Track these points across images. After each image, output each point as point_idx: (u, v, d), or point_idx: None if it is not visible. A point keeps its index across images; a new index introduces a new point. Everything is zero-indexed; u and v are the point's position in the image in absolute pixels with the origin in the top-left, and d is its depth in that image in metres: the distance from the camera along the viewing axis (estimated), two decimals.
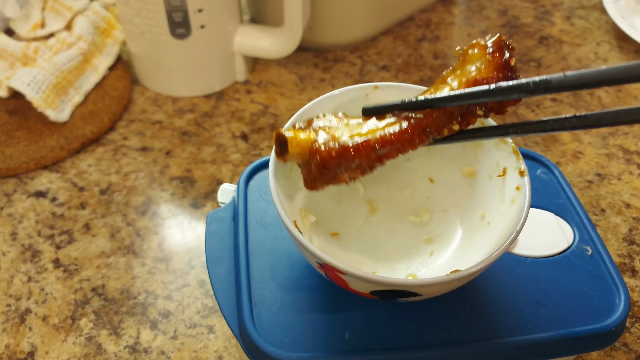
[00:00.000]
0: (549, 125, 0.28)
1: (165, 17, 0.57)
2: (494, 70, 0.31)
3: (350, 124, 0.32)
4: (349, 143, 0.30)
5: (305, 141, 0.31)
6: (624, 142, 0.57)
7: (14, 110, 0.60)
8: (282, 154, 0.32)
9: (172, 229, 0.50)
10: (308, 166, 0.31)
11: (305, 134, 0.31)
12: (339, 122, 0.32)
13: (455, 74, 0.32)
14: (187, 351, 0.42)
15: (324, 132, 0.31)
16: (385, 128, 0.31)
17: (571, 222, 0.39)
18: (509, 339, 0.33)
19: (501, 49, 0.32)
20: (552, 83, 0.25)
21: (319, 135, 0.31)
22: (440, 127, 0.32)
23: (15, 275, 0.47)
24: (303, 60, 0.67)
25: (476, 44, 0.32)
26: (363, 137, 0.31)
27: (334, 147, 0.30)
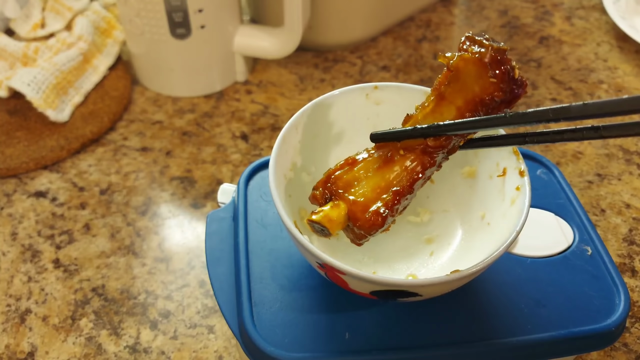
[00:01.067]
0: (567, 135, 0.27)
1: (165, 17, 0.57)
2: (499, 88, 0.30)
3: (365, 170, 0.31)
4: (387, 203, 0.30)
5: (341, 217, 0.30)
6: (624, 142, 0.57)
7: (14, 110, 0.60)
8: (326, 236, 0.31)
9: (172, 229, 0.50)
10: (352, 232, 0.31)
11: (335, 207, 0.30)
12: (353, 174, 0.31)
13: (454, 89, 0.31)
14: (187, 351, 0.42)
15: (353, 195, 0.30)
16: (408, 169, 0.31)
17: (571, 222, 0.39)
18: (509, 339, 0.33)
19: (498, 62, 0.30)
20: (572, 111, 0.25)
21: (352, 204, 0.30)
22: (456, 146, 0.32)
23: (15, 275, 0.47)
24: (303, 60, 0.67)
25: (469, 59, 0.30)
26: (394, 187, 0.30)
27: (376, 215, 0.30)
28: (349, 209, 0.30)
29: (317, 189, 0.32)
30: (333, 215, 0.30)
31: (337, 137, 0.39)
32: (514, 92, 0.30)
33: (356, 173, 0.31)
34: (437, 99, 0.32)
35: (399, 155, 0.31)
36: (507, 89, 0.30)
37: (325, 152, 0.39)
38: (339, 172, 0.31)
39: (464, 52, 0.31)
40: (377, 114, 0.38)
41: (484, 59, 0.30)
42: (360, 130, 0.39)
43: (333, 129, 0.38)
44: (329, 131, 0.38)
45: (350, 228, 0.31)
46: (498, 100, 0.30)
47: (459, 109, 0.31)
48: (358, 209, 0.30)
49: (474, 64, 0.30)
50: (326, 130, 0.38)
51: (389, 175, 0.31)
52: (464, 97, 0.31)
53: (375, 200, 0.30)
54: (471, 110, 0.31)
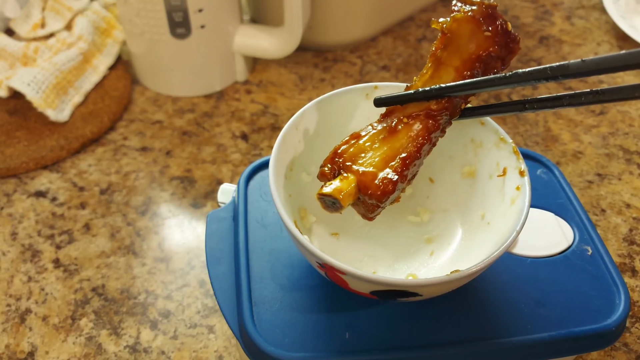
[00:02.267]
0: (565, 100, 0.27)
1: (165, 17, 0.57)
2: (493, 43, 0.30)
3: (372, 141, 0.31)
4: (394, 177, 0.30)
5: (351, 188, 0.30)
6: (624, 142, 0.57)
7: (14, 110, 0.60)
8: (337, 210, 0.31)
9: (172, 229, 0.50)
10: (364, 204, 0.31)
11: (344, 180, 0.30)
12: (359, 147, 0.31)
13: (450, 52, 0.32)
14: (187, 351, 0.42)
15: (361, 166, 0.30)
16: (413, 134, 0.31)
17: (571, 222, 0.39)
18: (509, 339, 0.33)
19: (490, 17, 0.31)
20: (570, 69, 0.25)
21: (362, 175, 0.30)
22: (458, 108, 0.32)
23: (15, 275, 0.47)
24: (303, 60, 0.67)
25: (462, 18, 0.31)
26: (402, 154, 0.30)
27: (386, 183, 0.30)
28: (359, 179, 0.30)
29: (324, 166, 0.32)
30: (343, 187, 0.30)
31: (337, 137, 0.39)
32: (509, 46, 0.31)
33: (362, 145, 0.31)
34: (434, 64, 0.32)
35: (403, 124, 0.31)
36: (502, 42, 0.30)
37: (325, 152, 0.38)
38: (345, 147, 0.31)
39: (456, 14, 0.31)
40: (377, 114, 0.38)
41: (476, 15, 0.31)
42: None
43: (333, 128, 0.38)
44: (329, 131, 0.38)
45: (360, 201, 0.30)
46: (494, 55, 0.31)
47: (457, 70, 0.31)
48: (367, 178, 0.30)
49: (467, 22, 0.31)
50: (326, 130, 0.38)
51: (395, 143, 0.31)
52: (460, 57, 0.31)
53: (384, 168, 0.30)
54: (469, 69, 0.31)
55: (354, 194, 0.30)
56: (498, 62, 0.31)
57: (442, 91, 0.31)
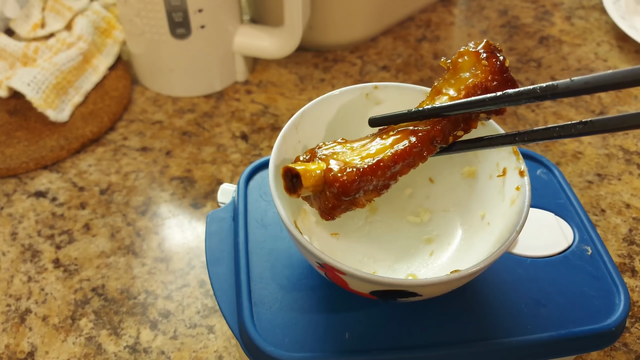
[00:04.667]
0: (555, 132, 0.27)
1: (165, 17, 0.57)
2: (489, 74, 0.31)
3: (354, 147, 0.32)
4: (364, 166, 0.30)
5: (318, 172, 0.30)
6: (624, 142, 0.57)
7: (14, 110, 0.60)
8: (294, 190, 0.30)
9: (172, 229, 0.50)
10: (323, 197, 0.30)
11: (315, 164, 0.30)
12: (343, 146, 0.32)
13: (450, 83, 0.32)
14: (187, 351, 0.42)
15: (334, 159, 0.30)
16: (394, 145, 0.31)
17: (571, 222, 0.39)
18: (509, 339, 0.33)
19: (492, 52, 0.32)
20: (559, 88, 0.25)
21: (330, 163, 0.30)
22: (447, 136, 0.32)
23: (15, 275, 0.47)
24: (303, 60, 0.67)
25: (465, 52, 0.32)
26: (376, 157, 0.30)
27: (350, 172, 0.29)
28: (327, 167, 0.30)
29: (304, 154, 0.32)
30: (310, 167, 0.30)
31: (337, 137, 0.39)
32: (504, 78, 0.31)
33: (344, 145, 0.32)
34: (432, 93, 0.33)
35: (389, 136, 0.32)
36: (499, 78, 0.31)
37: None
38: (330, 143, 0.32)
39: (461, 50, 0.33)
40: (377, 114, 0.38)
41: (477, 47, 0.32)
42: (360, 130, 0.38)
43: (333, 129, 0.38)
44: (329, 131, 0.38)
45: (322, 194, 0.30)
46: (490, 88, 0.31)
47: (451, 98, 0.32)
48: (335, 167, 0.30)
49: (468, 55, 0.32)
50: (326, 130, 0.38)
51: (376, 149, 0.31)
52: (457, 86, 0.32)
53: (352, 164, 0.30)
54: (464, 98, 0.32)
55: (317, 178, 0.30)
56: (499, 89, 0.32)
57: (434, 110, 0.31)
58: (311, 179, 0.29)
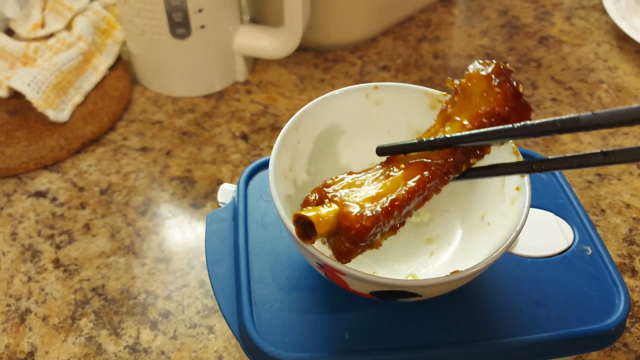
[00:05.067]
0: (575, 161, 0.26)
1: (165, 17, 0.57)
2: (503, 101, 0.30)
3: (364, 181, 0.30)
4: (378, 209, 0.28)
5: (331, 217, 0.28)
6: (624, 142, 0.57)
7: (14, 110, 0.60)
8: (308, 237, 0.29)
9: (172, 229, 0.50)
10: (338, 240, 0.29)
11: (327, 208, 0.29)
12: (352, 183, 0.30)
13: (460, 110, 0.31)
14: (187, 351, 0.42)
15: (347, 201, 0.29)
16: (407, 180, 0.29)
17: (571, 222, 0.39)
18: (509, 339, 0.33)
19: (504, 76, 0.30)
20: (581, 121, 0.24)
21: (344, 206, 0.28)
22: (460, 166, 0.31)
23: (15, 275, 0.47)
24: (303, 60, 0.67)
25: (475, 76, 0.31)
26: (390, 196, 0.29)
27: (367, 218, 0.28)
28: (340, 210, 0.28)
29: (311, 194, 0.31)
30: (323, 213, 0.28)
31: (337, 137, 0.39)
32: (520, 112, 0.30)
33: (353, 183, 0.30)
34: (442, 120, 0.31)
35: (400, 169, 0.30)
36: (512, 105, 0.30)
37: (325, 152, 0.39)
38: (337, 179, 0.31)
39: (470, 72, 0.31)
40: (377, 114, 0.38)
41: (489, 73, 0.30)
42: (360, 130, 0.39)
43: (333, 129, 0.38)
44: (329, 131, 0.38)
45: (337, 237, 0.29)
46: (503, 116, 0.30)
47: (463, 126, 0.30)
48: (349, 210, 0.28)
49: (478, 79, 0.31)
50: (326, 131, 0.38)
51: (388, 185, 0.30)
52: (468, 114, 0.30)
53: (370, 204, 0.29)
54: (476, 127, 0.30)
55: (331, 223, 0.28)
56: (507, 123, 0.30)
57: (446, 141, 0.29)
58: (325, 226, 0.28)
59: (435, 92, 0.36)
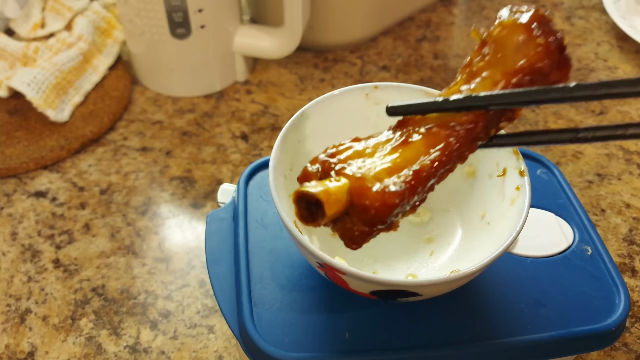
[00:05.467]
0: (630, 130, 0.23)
1: (165, 17, 0.57)
2: (545, 56, 0.25)
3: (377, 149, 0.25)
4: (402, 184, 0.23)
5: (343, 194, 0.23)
6: (623, 142, 0.57)
7: (14, 110, 0.60)
8: (314, 219, 0.24)
9: (172, 229, 0.50)
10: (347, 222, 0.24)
11: (335, 182, 0.24)
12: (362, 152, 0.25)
13: (490, 63, 0.26)
14: (187, 351, 0.42)
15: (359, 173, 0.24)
16: (429, 148, 0.25)
17: (571, 222, 0.39)
18: (509, 339, 0.33)
19: (545, 27, 0.25)
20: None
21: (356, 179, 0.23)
22: (489, 131, 0.26)
23: (15, 275, 0.47)
24: (303, 60, 0.67)
25: (510, 24, 0.26)
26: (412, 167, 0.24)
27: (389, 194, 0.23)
28: (353, 184, 0.23)
29: (311, 164, 0.26)
30: (332, 189, 0.23)
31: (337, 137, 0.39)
32: (560, 67, 0.25)
33: (363, 151, 0.25)
34: (467, 77, 0.26)
35: (420, 134, 0.25)
36: (554, 59, 0.25)
37: None
38: (342, 147, 0.26)
39: (503, 20, 0.26)
40: (377, 114, 0.38)
41: (529, 22, 0.25)
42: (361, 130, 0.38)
43: (333, 129, 0.38)
44: (329, 131, 0.38)
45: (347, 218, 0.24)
46: (545, 71, 0.25)
47: (495, 84, 0.25)
48: (365, 184, 0.23)
49: (517, 29, 0.26)
50: (326, 130, 0.38)
51: (406, 153, 0.24)
52: (502, 70, 0.25)
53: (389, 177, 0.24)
54: (511, 85, 0.25)
55: (343, 201, 0.23)
56: (544, 82, 0.25)
57: (478, 101, 0.24)
58: (336, 205, 0.23)
59: (435, 92, 0.36)
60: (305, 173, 0.26)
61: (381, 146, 0.26)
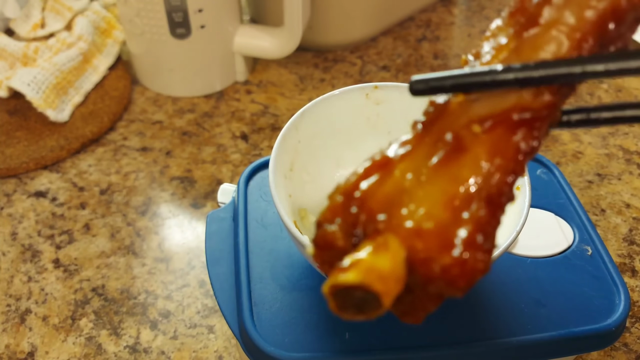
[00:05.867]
0: None
1: (165, 17, 0.57)
2: None
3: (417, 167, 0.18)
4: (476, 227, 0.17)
5: (400, 267, 0.16)
6: (624, 142, 0.57)
7: (14, 110, 0.60)
8: (369, 314, 0.17)
9: (172, 229, 0.50)
10: (417, 298, 0.18)
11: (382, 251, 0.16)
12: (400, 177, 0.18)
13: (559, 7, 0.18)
14: (187, 351, 0.42)
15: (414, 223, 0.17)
16: (494, 157, 0.18)
17: (571, 222, 0.39)
18: (509, 339, 0.33)
19: None
20: None
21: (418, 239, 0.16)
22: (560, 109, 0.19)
23: (15, 275, 0.47)
24: (303, 60, 0.67)
25: None
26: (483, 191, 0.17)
27: (477, 258, 0.17)
28: (412, 249, 0.16)
29: (329, 220, 0.18)
30: (381, 264, 0.16)
31: (337, 137, 0.39)
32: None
33: (399, 179, 0.18)
34: (519, 28, 0.18)
35: (471, 135, 0.18)
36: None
37: (325, 152, 0.38)
38: (369, 184, 0.18)
39: None
40: (377, 114, 0.38)
41: None
42: (360, 130, 0.39)
43: (333, 129, 0.38)
44: (329, 131, 0.38)
45: (407, 294, 0.17)
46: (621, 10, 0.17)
47: (570, 35, 0.17)
48: (429, 244, 0.16)
49: None
50: (326, 130, 0.38)
51: (461, 171, 0.17)
52: (578, 13, 0.17)
53: (456, 222, 0.17)
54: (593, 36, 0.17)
55: (402, 276, 0.16)
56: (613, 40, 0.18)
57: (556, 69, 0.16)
58: (396, 288, 0.16)
59: None
60: (325, 237, 0.18)
61: (421, 166, 0.18)
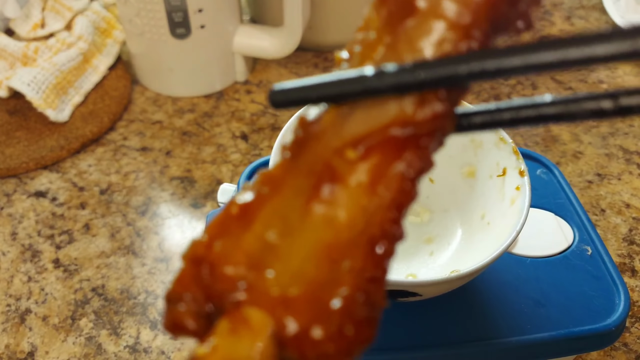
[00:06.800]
0: None
1: (165, 17, 0.56)
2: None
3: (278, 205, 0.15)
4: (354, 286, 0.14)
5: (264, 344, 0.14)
6: (623, 142, 0.57)
7: (14, 110, 0.60)
8: None
9: (172, 229, 0.50)
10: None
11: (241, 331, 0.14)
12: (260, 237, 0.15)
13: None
14: (187, 351, 0.42)
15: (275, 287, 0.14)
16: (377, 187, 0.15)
17: (571, 222, 0.39)
18: (509, 339, 0.33)
19: None
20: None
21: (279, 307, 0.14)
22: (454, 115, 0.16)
23: (15, 275, 0.47)
24: (303, 60, 0.67)
25: None
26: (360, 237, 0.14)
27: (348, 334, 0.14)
28: (276, 318, 0.14)
29: (177, 297, 0.15)
30: (240, 349, 0.13)
31: None
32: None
33: (261, 232, 0.15)
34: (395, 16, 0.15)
35: (345, 163, 0.15)
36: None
37: None
38: (223, 244, 0.15)
39: None
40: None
41: None
42: None
43: None
44: None
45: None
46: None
47: (457, 23, 0.15)
48: (298, 315, 0.14)
49: None
50: None
51: (336, 212, 0.15)
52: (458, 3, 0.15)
53: (331, 281, 0.14)
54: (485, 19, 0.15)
55: (270, 357, 0.14)
56: (511, 21, 0.16)
57: (438, 70, 0.14)
58: None
59: None
60: (174, 319, 0.15)
61: (289, 205, 0.15)
